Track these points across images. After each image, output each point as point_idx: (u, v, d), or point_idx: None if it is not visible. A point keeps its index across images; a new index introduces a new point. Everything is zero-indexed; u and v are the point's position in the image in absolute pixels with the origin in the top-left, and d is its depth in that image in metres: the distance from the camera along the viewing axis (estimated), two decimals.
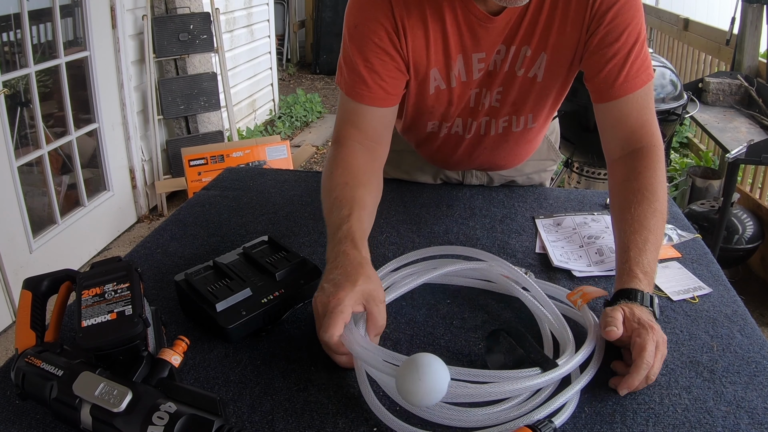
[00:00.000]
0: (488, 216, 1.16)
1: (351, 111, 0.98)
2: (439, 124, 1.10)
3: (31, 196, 2.62)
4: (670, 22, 4.20)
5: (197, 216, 1.16)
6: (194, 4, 3.44)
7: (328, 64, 6.59)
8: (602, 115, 0.97)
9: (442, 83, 0.99)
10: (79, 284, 0.70)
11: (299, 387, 0.73)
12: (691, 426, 0.67)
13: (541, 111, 1.07)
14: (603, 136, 0.99)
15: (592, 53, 0.93)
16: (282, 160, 3.34)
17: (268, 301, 0.81)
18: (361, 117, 0.97)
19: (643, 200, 0.86)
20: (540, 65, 0.97)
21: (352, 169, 0.93)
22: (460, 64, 0.97)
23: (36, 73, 2.57)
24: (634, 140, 0.94)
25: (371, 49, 0.93)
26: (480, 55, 0.96)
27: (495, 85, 1.01)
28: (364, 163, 0.96)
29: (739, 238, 2.52)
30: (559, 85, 1.02)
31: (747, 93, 2.72)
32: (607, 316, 0.75)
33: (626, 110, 0.93)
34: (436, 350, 0.79)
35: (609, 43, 0.91)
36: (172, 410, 0.58)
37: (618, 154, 0.96)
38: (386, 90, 0.96)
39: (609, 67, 0.91)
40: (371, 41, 0.93)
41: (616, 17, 0.90)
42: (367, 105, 0.96)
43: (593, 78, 0.94)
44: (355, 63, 0.95)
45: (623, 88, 0.92)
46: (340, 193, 0.89)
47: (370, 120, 0.98)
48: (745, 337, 0.81)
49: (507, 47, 0.96)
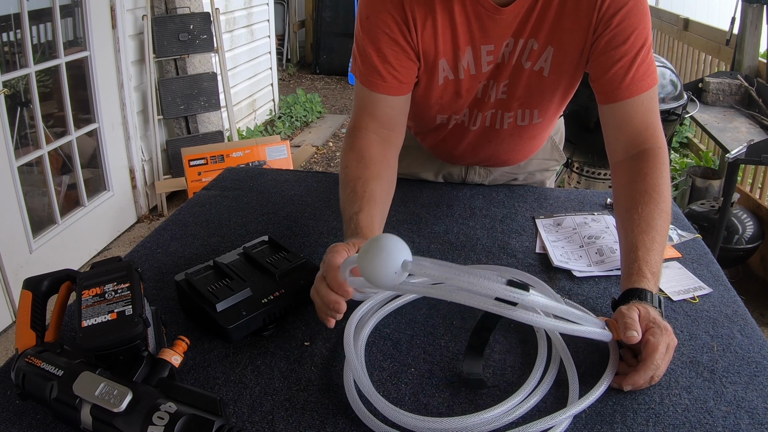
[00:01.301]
0: (488, 216, 1.16)
1: (366, 99, 1.02)
2: (447, 117, 1.10)
3: (31, 196, 2.62)
4: (670, 22, 4.20)
5: (197, 216, 1.16)
6: (194, 4, 3.44)
7: (328, 64, 6.59)
8: (607, 116, 0.97)
9: (451, 74, 1.01)
10: (79, 284, 0.70)
11: (299, 387, 0.73)
12: (692, 426, 0.67)
13: (546, 106, 1.07)
14: (607, 137, 0.99)
15: (598, 55, 0.94)
16: (282, 160, 3.34)
17: (269, 301, 0.81)
18: (375, 105, 1.01)
19: (650, 201, 0.87)
20: (547, 59, 0.98)
21: (365, 161, 0.97)
22: (469, 56, 0.98)
23: (36, 73, 2.57)
24: (638, 142, 0.94)
25: (383, 40, 0.96)
26: (489, 47, 0.97)
27: (502, 77, 1.02)
28: (377, 154, 0.99)
29: (739, 238, 2.52)
30: (565, 82, 1.02)
31: (747, 93, 2.73)
32: (625, 317, 0.73)
33: (631, 112, 0.94)
34: (435, 350, 0.79)
35: (616, 45, 0.92)
36: (172, 410, 0.58)
37: (622, 155, 0.96)
38: (399, 79, 0.99)
39: (615, 69, 0.92)
40: (382, 32, 0.96)
41: (624, 21, 0.90)
42: (381, 94, 1.00)
43: (599, 79, 0.95)
44: (369, 53, 0.98)
45: (629, 89, 0.93)
46: (353, 188, 0.93)
47: (384, 108, 1.01)
48: (745, 337, 0.81)
49: (515, 39, 0.97)
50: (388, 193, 0.98)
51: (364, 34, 0.98)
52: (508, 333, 0.82)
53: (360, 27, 0.98)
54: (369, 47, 0.97)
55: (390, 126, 1.03)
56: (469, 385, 0.72)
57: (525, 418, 0.66)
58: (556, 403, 0.69)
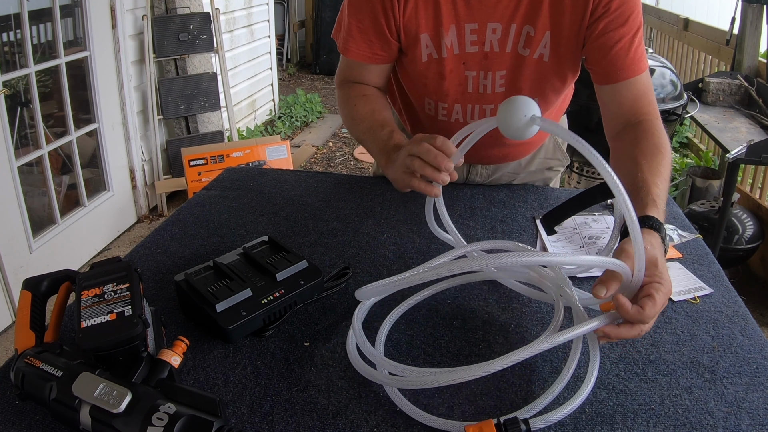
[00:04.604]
0: (489, 216, 1.16)
1: (346, 65, 1.14)
2: (435, 104, 1.11)
3: (31, 196, 2.62)
4: (670, 22, 4.20)
5: (197, 216, 1.16)
6: (194, 4, 3.44)
7: (328, 64, 6.59)
8: (609, 95, 1.01)
9: (435, 52, 1.03)
10: (78, 285, 0.70)
11: (299, 388, 0.73)
12: (692, 427, 0.67)
13: (548, 95, 1.07)
14: (606, 115, 1.03)
15: (597, 37, 0.96)
16: (282, 160, 3.34)
17: (269, 301, 0.81)
18: (354, 71, 1.13)
19: (658, 153, 0.89)
20: (546, 44, 0.99)
21: (370, 99, 1.10)
22: (453, 34, 1.01)
23: (36, 73, 2.57)
24: (638, 114, 0.98)
25: (365, 11, 1.02)
26: (472, 25, 0.99)
27: (496, 66, 1.02)
28: (374, 93, 1.12)
29: (739, 238, 2.52)
30: (565, 67, 1.03)
31: (747, 93, 2.72)
32: (623, 252, 0.71)
33: (634, 90, 0.98)
34: (436, 350, 0.79)
35: (615, 27, 0.95)
36: (171, 411, 0.58)
37: (622, 127, 0.99)
38: (373, 50, 1.06)
39: (617, 50, 0.96)
40: (365, 3, 1.01)
41: (623, 4, 0.94)
42: (356, 61, 1.09)
43: (600, 60, 0.98)
44: (350, 23, 1.05)
45: (632, 69, 0.97)
46: (372, 120, 1.05)
47: (362, 73, 1.12)
48: (746, 338, 0.81)
49: (506, 25, 0.98)
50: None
51: (348, 5, 1.05)
52: (508, 334, 0.82)
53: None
54: (351, 17, 1.04)
55: (372, 84, 1.13)
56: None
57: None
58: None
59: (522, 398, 0.71)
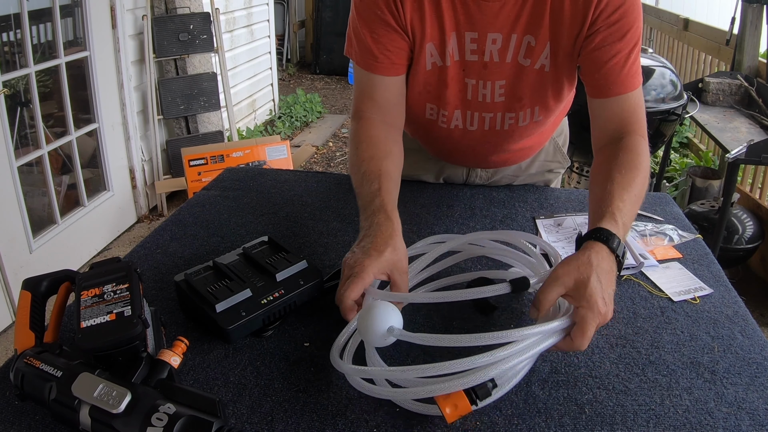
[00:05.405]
0: (489, 216, 1.16)
1: (364, 82, 1.06)
2: (437, 109, 1.10)
3: (31, 196, 2.62)
4: (670, 22, 4.20)
5: (197, 216, 1.16)
6: (194, 4, 3.44)
7: (328, 64, 6.59)
8: (598, 109, 0.99)
9: (439, 60, 1.02)
10: (78, 285, 0.70)
11: (299, 388, 0.73)
12: (692, 427, 0.67)
13: (548, 104, 1.07)
14: (594, 127, 1.01)
15: (594, 49, 0.95)
16: (282, 160, 3.34)
17: (268, 301, 0.81)
18: (373, 87, 1.05)
19: (633, 168, 0.88)
20: (546, 55, 0.98)
21: (373, 141, 1.01)
22: (454, 41, 1.00)
23: (36, 73, 2.57)
24: (626, 131, 0.96)
25: (375, 22, 1.00)
26: (472, 34, 0.98)
27: (495, 77, 1.02)
28: (383, 133, 1.03)
29: (739, 238, 2.52)
30: (565, 77, 1.02)
31: (747, 93, 2.72)
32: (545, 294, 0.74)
33: (624, 106, 0.96)
34: (436, 350, 0.79)
35: (612, 41, 0.93)
36: (171, 411, 0.58)
37: (607, 141, 0.98)
38: (392, 60, 1.02)
39: (611, 65, 0.94)
40: (374, 14, 0.99)
41: (622, 18, 0.92)
42: (376, 75, 1.03)
43: (594, 73, 0.96)
44: (363, 35, 1.01)
45: (624, 85, 0.95)
46: (367, 167, 0.96)
47: (380, 90, 1.05)
48: (746, 338, 0.81)
49: (506, 35, 0.97)
50: (398, 168, 1.02)
51: (358, 17, 1.02)
52: None
53: (354, 9, 1.03)
54: (363, 29, 1.01)
55: (388, 107, 1.06)
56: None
57: None
58: None
59: (522, 398, 0.71)
